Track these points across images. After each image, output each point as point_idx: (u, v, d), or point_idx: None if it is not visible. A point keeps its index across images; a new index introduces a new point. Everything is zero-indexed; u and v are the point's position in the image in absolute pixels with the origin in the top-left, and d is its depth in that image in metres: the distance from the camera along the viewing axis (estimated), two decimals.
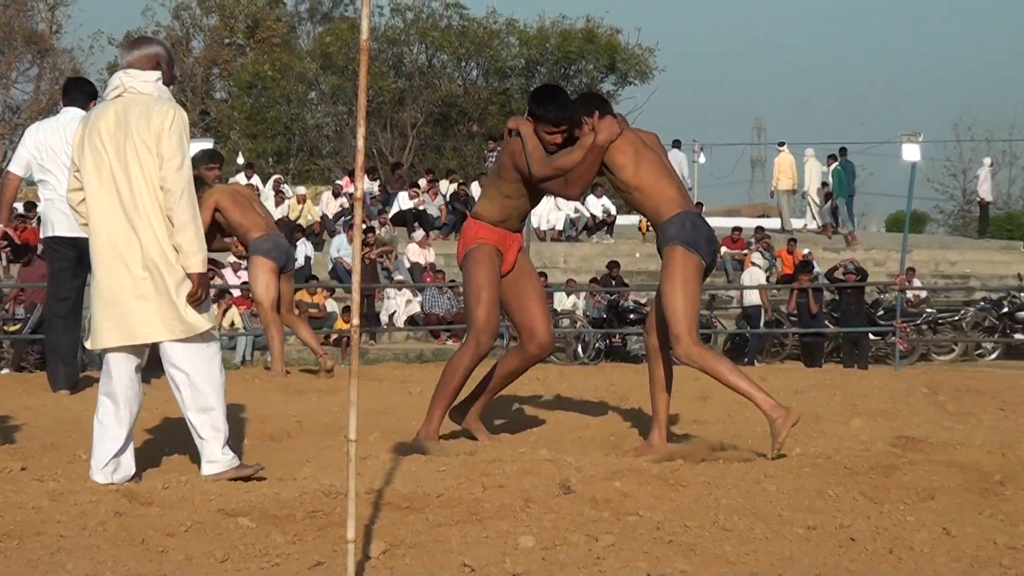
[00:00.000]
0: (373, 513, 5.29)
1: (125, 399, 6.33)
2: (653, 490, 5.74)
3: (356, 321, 4.62)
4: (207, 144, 22.34)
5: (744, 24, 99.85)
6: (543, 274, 19.10)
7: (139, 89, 6.37)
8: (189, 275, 6.27)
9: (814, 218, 32.46)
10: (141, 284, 6.21)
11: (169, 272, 6.23)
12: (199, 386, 6.36)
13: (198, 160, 11.63)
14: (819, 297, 21.21)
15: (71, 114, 10.20)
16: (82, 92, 10.58)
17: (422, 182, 30.45)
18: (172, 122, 6.24)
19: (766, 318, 22.89)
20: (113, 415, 6.29)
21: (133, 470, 6.32)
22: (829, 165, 31.52)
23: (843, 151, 32.00)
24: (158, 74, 6.44)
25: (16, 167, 10.44)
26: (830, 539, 5.11)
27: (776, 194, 32.79)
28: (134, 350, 6.35)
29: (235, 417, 8.91)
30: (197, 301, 6.30)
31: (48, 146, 10.17)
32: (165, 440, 7.66)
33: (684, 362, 7.32)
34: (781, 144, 33.38)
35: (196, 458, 6.57)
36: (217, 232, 11.92)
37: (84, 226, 6.43)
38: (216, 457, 6.31)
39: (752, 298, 23.30)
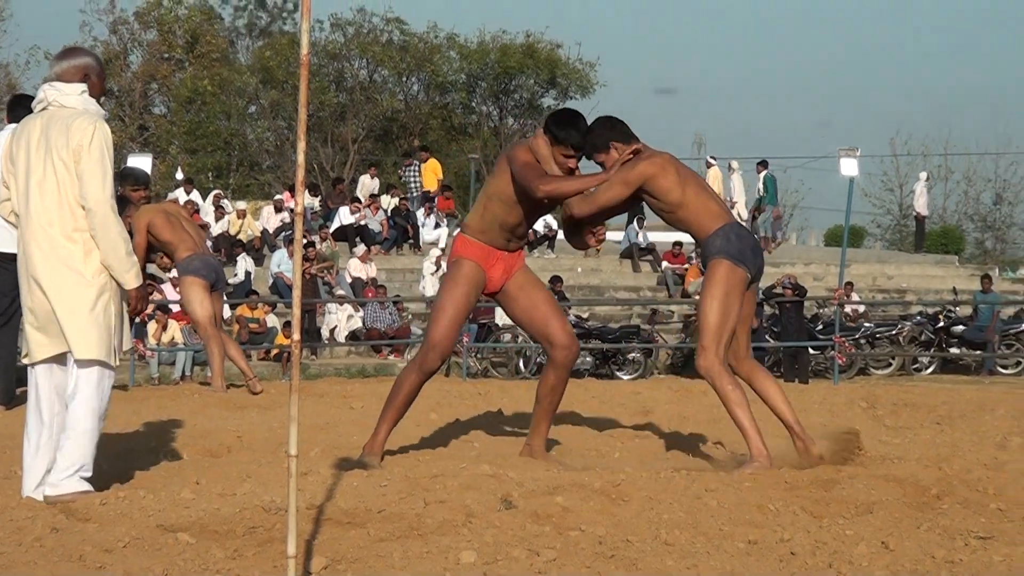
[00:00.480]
0: (314, 528, 5.26)
1: (50, 414, 6.24)
2: (595, 505, 5.74)
3: (296, 336, 4.60)
4: (146, 159, 22.23)
5: (684, 39, 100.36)
6: None
7: (62, 102, 6.24)
8: (127, 291, 6.22)
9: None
10: (48, 300, 6.12)
11: (77, 290, 6.11)
12: (73, 408, 6.18)
13: (122, 181, 11.64)
14: (760, 312, 21.30)
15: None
16: (27, 109, 10.41)
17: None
18: (92, 138, 6.10)
19: None
20: (37, 431, 6.22)
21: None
22: (759, 172, 31.46)
23: (765, 163, 31.96)
24: (83, 87, 6.30)
25: None
26: (771, 554, 5.13)
27: None
28: (57, 365, 6.26)
29: (174, 432, 8.88)
30: (137, 315, 6.26)
31: None
32: (101, 456, 7.58)
33: (702, 374, 7.35)
34: (712, 159, 33.30)
35: (133, 475, 6.51)
36: (145, 251, 11.91)
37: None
38: (58, 481, 6.12)
39: None
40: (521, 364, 22.47)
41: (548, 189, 7.23)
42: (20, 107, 10.50)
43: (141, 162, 17.41)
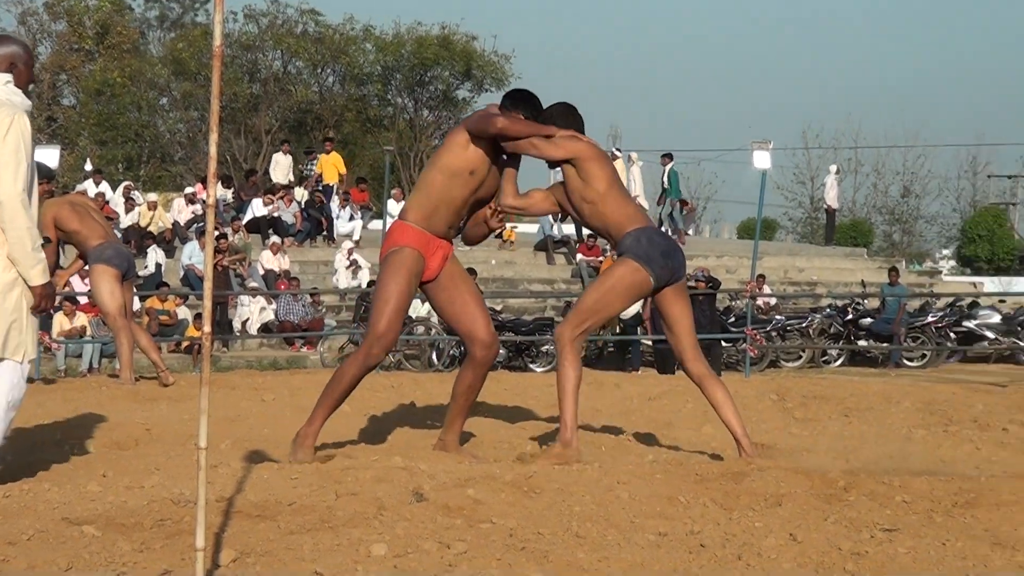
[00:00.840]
0: (223, 521, 5.22)
1: None
2: (506, 497, 5.75)
3: (207, 328, 4.56)
4: (54, 151, 21.92)
5: (599, 32, 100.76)
6: None
7: None
8: (31, 287, 6.13)
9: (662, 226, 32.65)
10: None
11: None
12: None
13: None
14: None
15: None
16: None
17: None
18: (8, 129, 6.00)
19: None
20: None
21: None
22: (664, 165, 31.48)
23: (670, 156, 31.98)
24: (8, 76, 6.21)
25: None
26: (681, 545, 5.16)
27: None
28: None
29: (82, 425, 8.78)
30: (41, 312, 6.17)
31: None
32: (6, 449, 7.49)
33: (555, 340, 7.43)
34: (616, 151, 33.18)
35: (38, 468, 6.43)
36: (56, 245, 11.81)
37: None
38: None
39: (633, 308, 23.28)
40: (434, 357, 22.44)
41: (504, 123, 7.28)
42: None
43: (48, 154, 17.11)
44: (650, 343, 21.98)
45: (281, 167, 31.26)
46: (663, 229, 30.99)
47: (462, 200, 7.51)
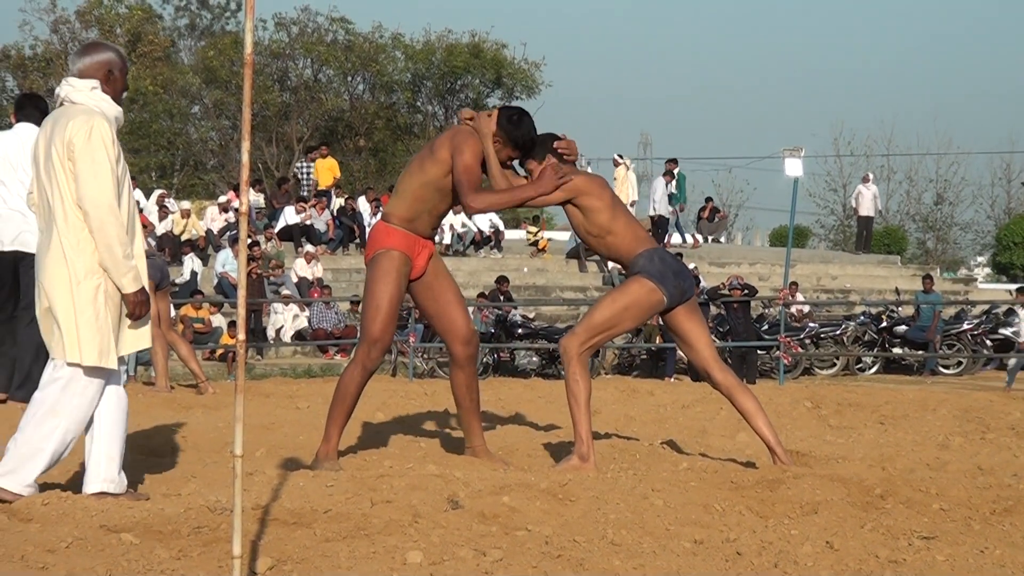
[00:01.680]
0: (260, 529, 5.24)
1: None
2: (542, 505, 5.75)
3: (242, 336, 4.57)
4: None
5: (630, 38, 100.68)
6: None
7: (73, 99, 6.14)
8: (124, 295, 6.13)
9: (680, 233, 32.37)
10: (48, 301, 6.06)
11: (68, 290, 6.02)
12: (35, 405, 6.16)
13: None
14: (706, 311, 21.35)
15: (29, 129, 10.21)
16: (35, 108, 10.66)
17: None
18: (89, 136, 5.97)
19: None
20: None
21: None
22: (672, 170, 31.30)
23: (675, 161, 31.84)
24: (94, 83, 6.17)
25: None
26: (717, 553, 5.15)
27: None
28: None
29: None
30: (137, 319, 6.17)
31: (5, 157, 10.30)
32: None
33: (560, 352, 7.45)
34: (619, 157, 32.88)
35: (76, 475, 6.46)
36: None
37: None
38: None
39: None
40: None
41: (479, 207, 7.30)
42: (29, 106, 10.76)
43: None
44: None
45: (322, 168, 31.34)
46: (673, 236, 30.95)
47: (446, 207, 7.60)
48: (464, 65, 44.80)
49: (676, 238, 31.28)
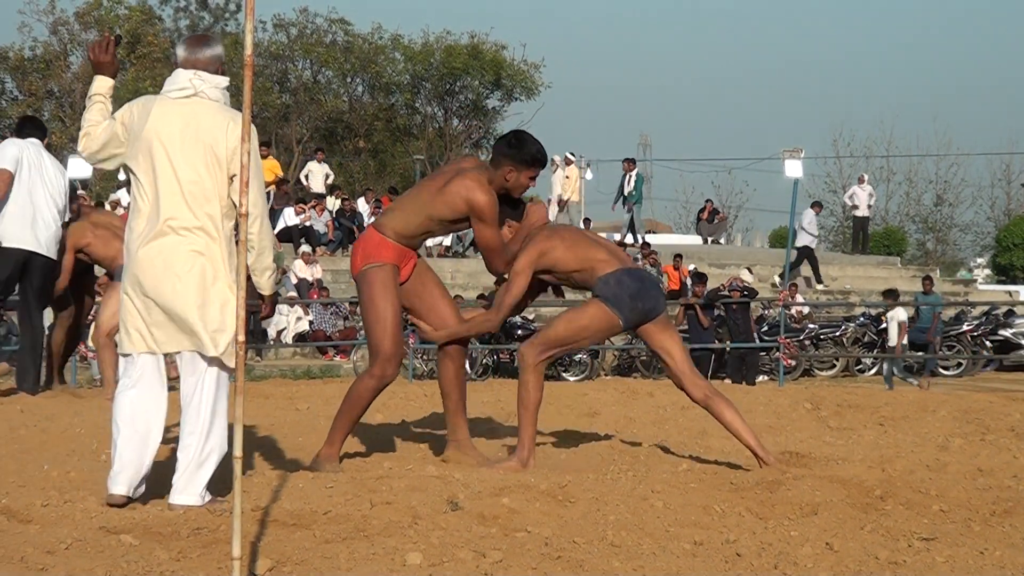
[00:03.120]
0: (259, 530, 5.24)
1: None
2: (541, 506, 5.75)
3: (241, 337, 4.58)
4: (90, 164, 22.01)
5: (629, 39, 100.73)
6: None
7: (209, 95, 6.03)
8: (266, 296, 6.21)
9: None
10: (183, 296, 5.94)
11: (215, 287, 5.96)
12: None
13: (74, 194, 12.05)
14: (709, 311, 21.36)
15: (38, 144, 11.32)
16: (37, 129, 11.60)
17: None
18: (250, 139, 5.93)
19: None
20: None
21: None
22: (628, 171, 31.17)
23: (633, 161, 31.81)
24: (226, 80, 6.11)
25: (9, 164, 11.09)
26: (716, 555, 5.14)
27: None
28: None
29: None
30: (268, 319, 6.23)
31: (35, 166, 11.10)
32: (45, 458, 7.53)
33: (518, 358, 7.54)
34: (571, 156, 32.59)
35: (76, 477, 6.44)
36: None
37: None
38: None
39: None
40: (467, 366, 22.41)
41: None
42: (29, 126, 11.62)
43: (81, 165, 17.24)
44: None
45: (316, 174, 31.33)
46: (627, 236, 30.76)
47: (445, 234, 7.68)
48: (463, 66, 44.77)
49: (629, 238, 31.00)
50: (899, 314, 21.62)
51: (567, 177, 31.76)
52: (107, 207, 23.32)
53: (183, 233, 5.93)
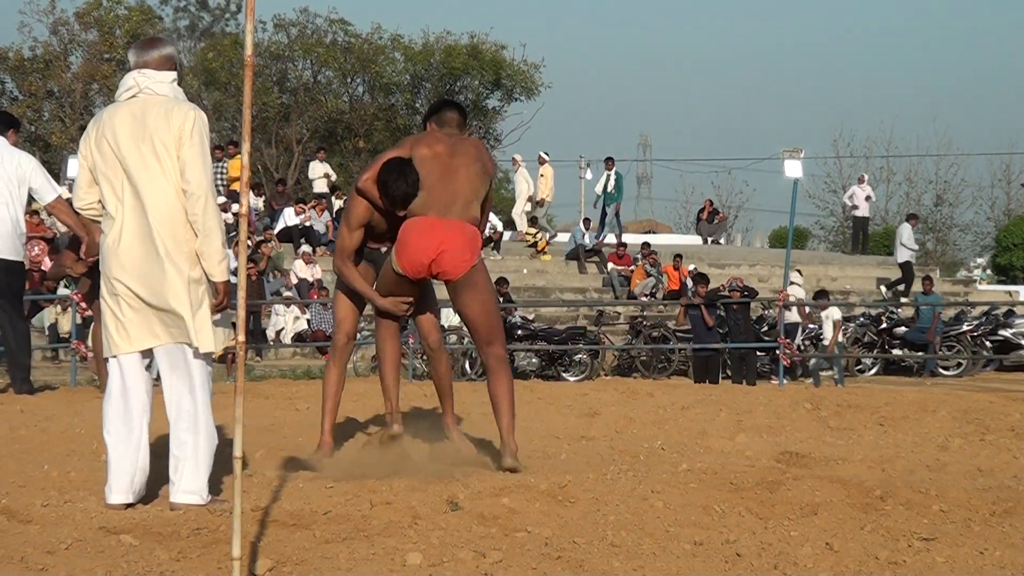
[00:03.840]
0: (259, 530, 5.24)
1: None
2: (541, 506, 5.75)
3: (241, 338, 4.58)
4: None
5: (629, 40, 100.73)
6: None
7: (155, 90, 6.14)
8: (213, 283, 6.12)
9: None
10: (165, 289, 6.04)
11: (180, 283, 6.03)
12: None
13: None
14: (712, 311, 21.32)
15: (3, 142, 11.05)
16: (4, 124, 11.24)
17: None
18: (193, 124, 6.01)
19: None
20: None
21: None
22: (608, 170, 31.20)
23: (612, 160, 31.82)
24: (174, 74, 6.23)
25: None
26: (716, 555, 5.15)
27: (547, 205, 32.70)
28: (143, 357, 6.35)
29: None
30: (220, 309, 6.21)
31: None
32: (45, 458, 7.53)
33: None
34: (545, 155, 32.72)
35: (75, 477, 6.44)
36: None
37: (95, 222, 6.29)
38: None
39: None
40: (467, 365, 22.44)
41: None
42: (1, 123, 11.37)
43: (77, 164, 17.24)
44: (686, 351, 21.92)
45: (318, 173, 31.29)
46: (605, 234, 30.78)
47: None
48: (463, 66, 44.71)
49: (611, 238, 30.96)
50: (833, 313, 21.69)
51: (542, 176, 31.93)
52: None
53: (150, 228, 6.00)
